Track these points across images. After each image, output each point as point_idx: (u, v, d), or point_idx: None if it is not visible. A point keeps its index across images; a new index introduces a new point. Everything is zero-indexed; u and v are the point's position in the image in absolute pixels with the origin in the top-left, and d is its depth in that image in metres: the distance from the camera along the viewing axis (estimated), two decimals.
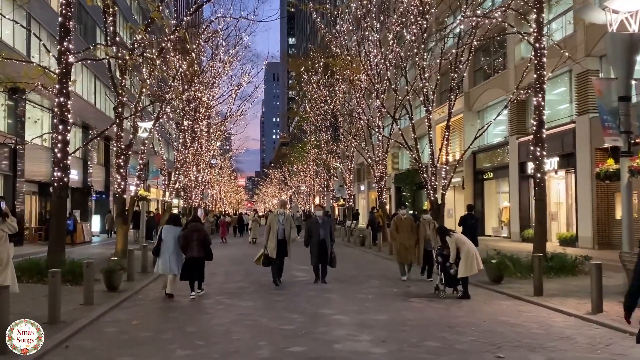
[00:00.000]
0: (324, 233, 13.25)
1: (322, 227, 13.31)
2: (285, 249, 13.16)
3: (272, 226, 13.10)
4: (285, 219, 13.30)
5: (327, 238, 13.28)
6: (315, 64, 37.54)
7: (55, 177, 13.02)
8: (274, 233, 12.99)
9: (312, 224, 13.70)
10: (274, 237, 12.96)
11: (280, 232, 13.06)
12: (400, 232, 13.95)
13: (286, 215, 13.50)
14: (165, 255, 11.36)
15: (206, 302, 10.75)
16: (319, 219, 13.67)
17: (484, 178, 32.31)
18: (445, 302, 10.61)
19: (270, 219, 13.63)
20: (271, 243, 12.97)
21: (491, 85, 30.10)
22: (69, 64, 13.00)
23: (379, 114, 29.34)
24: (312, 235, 13.36)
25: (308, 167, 57.03)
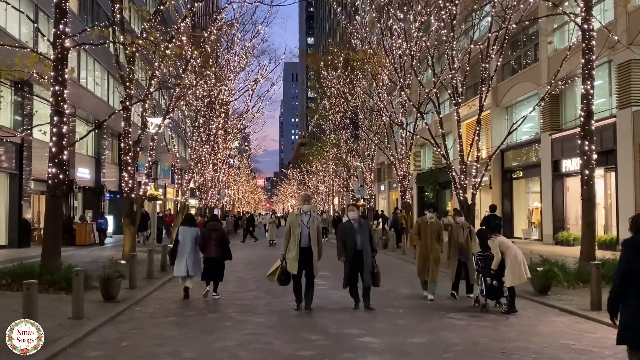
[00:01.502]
0: (361, 241, 9.79)
1: (359, 234, 9.83)
2: (310, 261, 9.63)
3: (293, 230, 9.68)
4: (311, 220, 9.79)
5: (365, 248, 9.78)
6: (335, 59, 36.19)
7: (50, 174, 11.77)
8: (294, 239, 9.59)
9: (346, 230, 10.03)
10: (295, 245, 9.55)
11: (304, 238, 9.60)
12: (423, 237, 11.19)
13: (312, 215, 9.91)
14: (183, 257, 11.33)
15: (212, 316, 9.36)
16: (354, 222, 10.04)
17: (513, 177, 30.73)
18: (490, 318, 9.11)
19: (289, 220, 9.92)
20: (290, 253, 9.60)
21: (521, 79, 28.50)
22: (65, 48, 11.75)
23: (402, 109, 27.89)
24: (346, 245, 9.89)
25: (327, 167, 55.73)
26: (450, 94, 20.11)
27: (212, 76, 29.19)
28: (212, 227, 11.61)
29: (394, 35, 25.61)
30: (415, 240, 11.61)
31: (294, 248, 9.62)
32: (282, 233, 11.70)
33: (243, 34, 33.59)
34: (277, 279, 9.78)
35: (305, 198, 10.44)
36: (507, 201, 30.80)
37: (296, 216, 9.89)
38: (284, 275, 9.72)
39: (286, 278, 9.73)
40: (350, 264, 9.82)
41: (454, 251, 11.09)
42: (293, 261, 9.56)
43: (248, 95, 38.80)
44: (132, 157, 18.55)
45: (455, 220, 11.50)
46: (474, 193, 19.06)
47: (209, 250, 11.30)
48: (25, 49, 12.12)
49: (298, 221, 9.76)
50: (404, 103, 27.95)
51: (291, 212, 10.24)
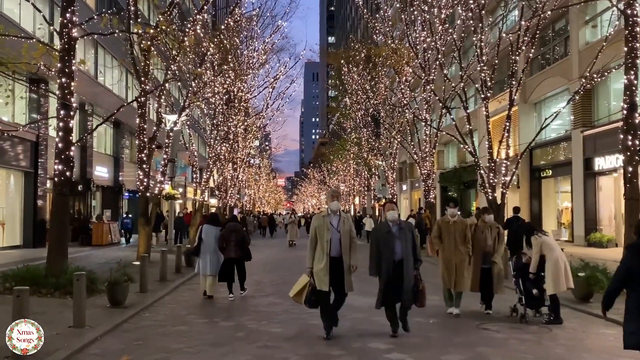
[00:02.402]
0: (402, 250, 7.56)
1: (400, 240, 7.58)
2: (342, 274, 7.64)
3: (320, 235, 7.66)
4: (342, 222, 7.73)
5: (407, 258, 7.57)
6: (357, 55, 35.36)
7: (56, 171, 11.13)
8: (322, 247, 7.59)
9: (382, 235, 7.74)
10: (324, 255, 7.55)
11: (335, 245, 7.61)
12: (445, 241, 9.38)
13: (342, 216, 7.85)
14: (206, 256, 11.30)
15: (224, 325, 8.60)
16: (393, 225, 7.75)
17: (542, 176, 29.57)
18: (531, 330, 8.21)
19: (315, 223, 7.85)
20: (319, 264, 7.58)
21: (550, 74, 27.39)
22: (73, 38, 11.11)
23: (426, 106, 26.97)
24: (381, 255, 7.65)
25: (348, 166, 54.88)
26: (478, 88, 19.18)
27: (231, 72, 28.51)
28: (232, 228, 11.53)
29: (418, 28, 24.67)
30: (436, 244, 9.56)
31: (322, 258, 7.55)
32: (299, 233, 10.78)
33: (262, 30, 32.94)
34: (305, 300, 7.67)
35: (334, 195, 8.11)
36: (535, 201, 29.70)
37: (323, 218, 7.75)
38: (314, 296, 7.58)
39: (317, 299, 7.63)
40: (386, 278, 7.53)
41: (477, 255, 9.35)
42: (323, 275, 7.50)
43: (268, 92, 38.15)
44: (147, 154, 17.99)
45: (483, 219, 9.67)
46: (504, 192, 18.10)
47: (228, 251, 11.28)
48: (31, 40, 11.47)
49: (326, 224, 7.64)
50: (428, 99, 27.00)
51: (317, 215, 8.07)
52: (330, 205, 7.92)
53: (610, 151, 21.84)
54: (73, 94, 11.21)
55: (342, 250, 7.64)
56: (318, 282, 7.56)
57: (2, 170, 21.85)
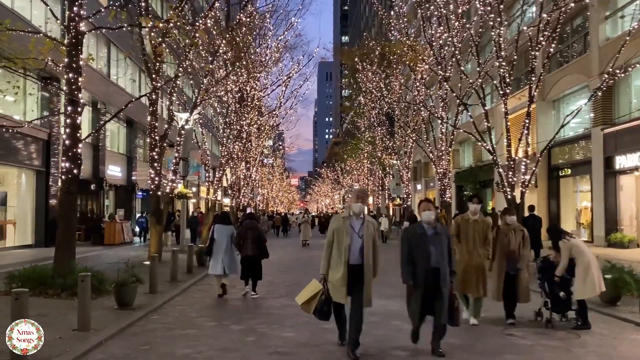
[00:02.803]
0: (437, 257, 6.50)
1: (434, 245, 6.54)
2: (361, 285, 6.57)
3: (339, 240, 6.64)
4: (365, 227, 6.68)
5: (443, 266, 6.50)
6: (371, 53, 34.93)
7: (63, 169, 10.85)
8: (340, 253, 6.56)
9: (415, 238, 6.68)
10: (342, 263, 6.53)
11: (355, 252, 6.57)
12: (464, 240, 8.58)
13: (367, 220, 6.78)
14: (218, 256, 11.21)
15: (235, 329, 8.23)
16: (428, 227, 6.69)
17: (560, 175, 28.96)
18: (558, 335, 7.76)
19: (334, 225, 6.81)
20: (336, 272, 6.57)
21: (569, 71, 26.79)
22: (80, 32, 10.82)
23: (442, 104, 26.49)
24: (414, 261, 6.59)
25: (361, 165, 54.47)
26: (497, 84, 18.71)
27: (244, 70, 28.22)
28: (249, 226, 11.44)
29: (435, 24, 24.20)
30: (454, 243, 8.21)
31: (340, 266, 6.50)
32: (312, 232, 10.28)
33: (276, 27, 32.63)
34: (315, 310, 6.75)
35: (359, 195, 6.89)
36: (553, 200, 29.10)
37: (344, 220, 6.68)
38: (327, 307, 6.65)
39: (329, 311, 6.71)
40: (419, 289, 6.46)
41: (500, 260, 8.46)
42: (339, 286, 6.47)
43: (281, 91, 37.84)
44: (158, 152, 17.75)
45: (505, 221, 8.70)
46: (524, 191, 17.62)
47: (245, 249, 11.20)
48: (38, 34, 11.21)
49: (346, 228, 6.59)
50: (444, 97, 26.53)
51: (336, 216, 7.07)
52: (353, 207, 6.71)
53: (632, 149, 21.30)
54: (81, 89, 10.93)
55: (364, 258, 6.55)
56: (333, 293, 6.55)
57: (13, 169, 21.72)
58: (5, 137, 20.18)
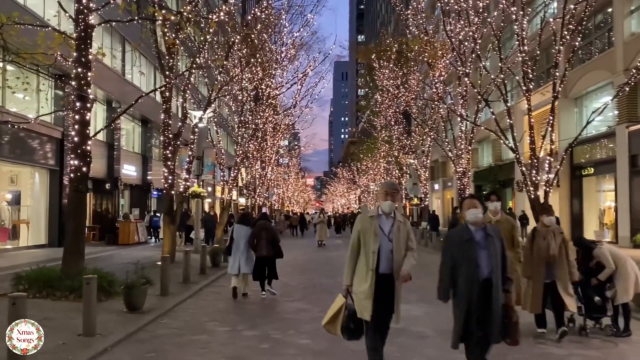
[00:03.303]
0: (489, 265, 5.23)
1: (485, 252, 5.25)
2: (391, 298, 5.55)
3: (365, 243, 5.53)
4: (396, 228, 5.55)
5: (496, 277, 5.25)
6: (388, 50, 34.42)
7: (72, 166, 10.50)
8: (368, 261, 5.47)
9: (460, 245, 5.34)
10: (369, 271, 5.45)
11: (385, 259, 5.46)
12: None
13: (398, 219, 5.61)
14: (237, 255, 11.26)
15: (248, 335, 7.78)
16: (476, 230, 5.35)
17: (583, 174, 28.23)
18: (593, 344, 7.23)
19: (359, 226, 5.66)
20: (361, 283, 5.48)
21: (592, 67, 26.09)
22: (89, 26, 10.47)
23: (461, 101, 25.91)
24: (460, 271, 5.28)
25: (378, 165, 53.93)
26: (519, 80, 18.13)
27: (259, 68, 27.86)
28: (263, 226, 11.44)
29: (454, 19, 23.61)
30: None
31: (366, 275, 5.42)
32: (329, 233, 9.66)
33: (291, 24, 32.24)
34: (340, 329, 5.59)
35: (390, 190, 5.66)
36: (576, 200, 28.38)
37: (371, 220, 5.55)
38: (353, 323, 5.49)
39: (358, 327, 5.52)
40: (467, 305, 5.17)
41: (537, 267, 7.47)
42: (364, 298, 5.40)
43: (297, 89, 37.43)
44: (172, 151, 17.42)
45: (543, 222, 7.69)
46: (548, 191, 17.02)
47: (260, 249, 11.21)
48: (46, 28, 10.87)
49: (374, 229, 5.48)
50: (463, 94, 25.94)
51: (362, 215, 5.86)
52: (383, 205, 5.59)
53: None
54: (90, 84, 10.57)
55: (395, 266, 5.43)
56: (359, 307, 5.44)
57: (27, 168, 21.52)
58: (21, 135, 20.02)
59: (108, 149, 28.15)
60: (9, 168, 21.11)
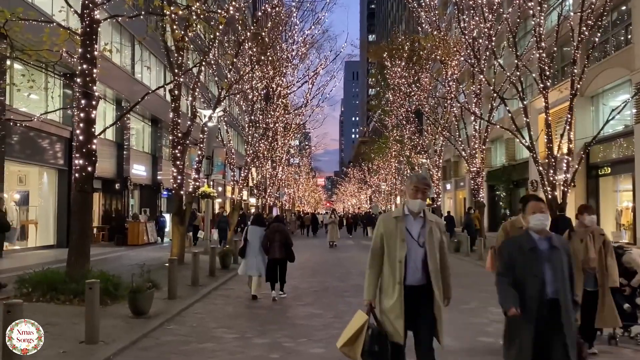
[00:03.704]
0: (555, 282, 4.33)
1: (550, 265, 4.35)
2: (427, 314, 4.53)
3: (390, 249, 4.57)
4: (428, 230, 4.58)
5: (565, 297, 4.32)
6: (400, 48, 33.97)
7: (77, 166, 10.20)
8: (394, 271, 4.51)
9: (521, 256, 4.43)
10: (395, 283, 4.49)
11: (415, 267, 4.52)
12: None
13: (429, 220, 4.65)
14: (251, 257, 11.30)
15: (257, 343, 7.41)
16: (540, 240, 4.46)
17: (599, 174, 27.66)
18: (625, 354, 6.80)
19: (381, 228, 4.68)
20: (387, 297, 4.55)
21: (609, 64, 25.47)
22: (95, 21, 10.16)
23: (475, 99, 25.44)
24: (523, 288, 4.35)
25: (389, 165, 53.47)
26: (535, 77, 17.67)
27: (269, 67, 27.54)
28: (276, 229, 11.44)
29: (468, 15, 23.13)
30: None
31: (393, 288, 4.47)
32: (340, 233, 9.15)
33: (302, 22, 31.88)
34: (362, 353, 4.48)
35: (420, 185, 4.61)
36: (592, 200, 27.76)
37: (396, 222, 4.58)
38: (378, 345, 4.44)
39: (383, 351, 4.43)
40: (529, 324, 4.26)
41: (577, 276, 5.94)
42: (394, 317, 4.42)
43: (307, 89, 37.09)
44: (181, 150, 17.13)
45: (583, 222, 6.74)
46: (566, 191, 16.54)
47: (272, 252, 11.20)
48: (51, 24, 10.58)
49: (400, 232, 4.53)
50: (477, 92, 25.47)
51: (385, 215, 4.81)
52: (411, 204, 4.57)
53: None
54: (96, 81, 10.26)
55: (430, 276, 4.46)
56: (389, 330, 4.45)
57: (35, 168, 21.33)
58: (30, 135, 19.84)
59: (117, 148, 27.96)
60: (18, 168, 20.92)
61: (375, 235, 4.74)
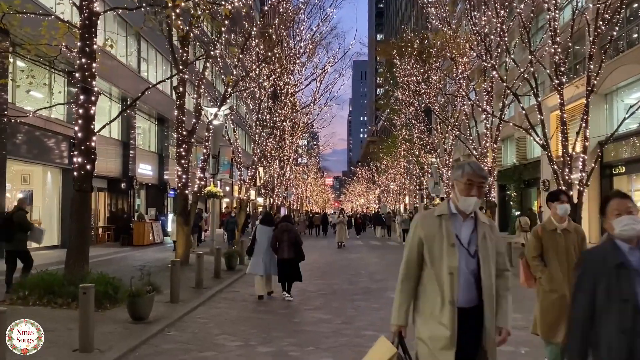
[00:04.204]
0: None
1: None
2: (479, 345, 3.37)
3: (435, 259, 3.41)
4: (481, 236, 3.45)
5: None
6: (409, 46, 33.50)
7: (76, 164, 9.83)
8: (442, 285, 3.35)
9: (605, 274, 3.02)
10: (444, 303, 3.32)
11: (466, 284, 3.36)
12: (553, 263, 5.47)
13: (482, 222, 3.51)
14: (259, 256, 11.26)
15: (262, 351, 6.98)
16: (631, 251, 3.06)
17: (613, 173, 27.09)
18: None
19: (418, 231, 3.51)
20: (432, 323, 3.35)
21: (624, 61, 24.88)
22: (94, 13, 9.77)
23: (486, 96, 24.93)
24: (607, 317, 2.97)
25: (398, 164, 52.94)
26: (550, 73, 17.17)
27: (277, 64, 27.14)
28: (284, 228, 11.37)
29: (479, 11, 22.63)
30: (537, 268, 5.54)
31: (440, 311, 3.34)
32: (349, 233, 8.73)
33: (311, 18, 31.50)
34: None
35: (475, 179, 3.43)
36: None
37: (440, 222, 3.47)
38: None
39: None
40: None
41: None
42: (444, 350, 3.30)
43: (315, 87, 36.67)
44: (186, 149, 16.75)
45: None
46: (582, 190, 16.03)
47: (281, 252, 11.13)
48: (50, 17, 10.22)
49: (448, 235, 3.42)
50: (489, 89, 24.97)
51: (424, 215, 3.62)
52: (462, 203, 3.44)
53: None
54: (95, 76, 9.87)
55: (483, 294, 3.37)
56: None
57: (38, 167, 21.03)
58: (36, 135, 19.55)
59: (123, 147, 27.66)
60: (22, 167, 20.64)
61: (410, 239, 3.55)
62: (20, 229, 10.54)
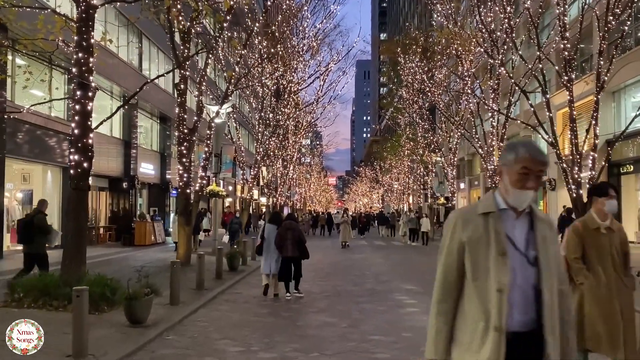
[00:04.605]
0: None
1: None
2: None
3: (479, 268, 2.49)
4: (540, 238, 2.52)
5: None
6: (413, 44, 33.17)
7: (72, 162, 9.52)
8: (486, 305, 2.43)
9: None
10: (489, 329, 2.41)
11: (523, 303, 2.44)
12: (595, 265, 4.79)
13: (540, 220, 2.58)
14: (268, 255, 11.44)
15: (264, 357, 6.65)
16: None
17: (621, 172, 26.75)
18: None
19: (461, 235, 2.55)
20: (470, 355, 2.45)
21: (633, 58, 24.56)
22: (91, 6, 9.46)
23: (492, 94, 24.59)
24: None
25: (401, 163, 52.60)
26: (558, 69, 16.83)
27: (280, 62, 26.84)
28: (288, 226, 11.37)
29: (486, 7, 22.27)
30: (580, 272, 4.82)
31: (483, 338, 2.43)
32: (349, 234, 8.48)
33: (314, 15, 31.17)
34: None
35: (533, 166, 2.48)
36: None
37: (484, 222, 2.53)
38: None
39: None
40: None
41: None
42: None
43: (319, 85, 36.35)
44: (187, 147, 16.45)
45: None
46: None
47: (285, 250, 11.16)
48: (45, 10, 9.93)
49: (497, 239, 2.49)
50: (494, 87, 24.63)
51: (463, 211, 2.66)
52: (513, 197, 2.54)
53: None
54: (92, 71, 9.56)
55: (544, 315, 2.45)
56: None
57: (38, 166, 20.76)
58: (37, 134, 19.30)
59: (125, 146, 27.38)
60: (21, 166, 20.36)
61: (447, 245, 2.63)
62: (40, 231, 10.46)
